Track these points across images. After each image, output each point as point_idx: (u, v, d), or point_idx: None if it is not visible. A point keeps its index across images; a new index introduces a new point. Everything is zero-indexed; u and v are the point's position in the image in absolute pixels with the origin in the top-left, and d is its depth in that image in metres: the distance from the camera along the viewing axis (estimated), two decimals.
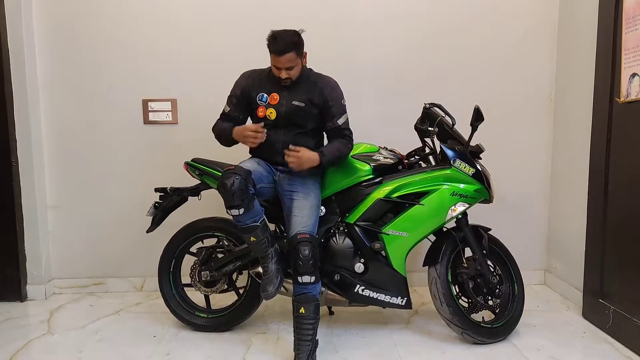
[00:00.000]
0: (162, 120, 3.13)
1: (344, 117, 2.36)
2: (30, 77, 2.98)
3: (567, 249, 3.02)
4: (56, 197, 3.16)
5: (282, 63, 2.19)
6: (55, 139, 3.12)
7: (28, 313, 2.87)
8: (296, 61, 2.23)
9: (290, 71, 2.23)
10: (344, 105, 2.37)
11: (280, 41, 2.16)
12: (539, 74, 3.17)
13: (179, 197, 2.56)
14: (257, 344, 2.42)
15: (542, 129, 3.20)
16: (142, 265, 3.17)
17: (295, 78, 2.27)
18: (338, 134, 2.35)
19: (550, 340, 2.43)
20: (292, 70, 2.23)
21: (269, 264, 2.25)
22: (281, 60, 2.19)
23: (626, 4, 2.34)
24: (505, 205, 3.14)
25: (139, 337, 2.51)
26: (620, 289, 2.43)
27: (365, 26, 3.09)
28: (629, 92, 2.33)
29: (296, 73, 2.26)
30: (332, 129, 2.35)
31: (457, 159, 2.39)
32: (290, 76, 2.24)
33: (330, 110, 2.32)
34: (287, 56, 2.17)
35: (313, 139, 2.39)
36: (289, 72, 2.23)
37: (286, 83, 2.27)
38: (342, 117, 2.35)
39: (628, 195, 2.36)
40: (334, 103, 2.32)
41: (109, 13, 3.04)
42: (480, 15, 3.11)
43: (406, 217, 2.35)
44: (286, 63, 2.19)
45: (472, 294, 2.41)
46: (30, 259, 3.06)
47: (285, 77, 2.23)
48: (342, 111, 2.35)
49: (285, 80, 2.25)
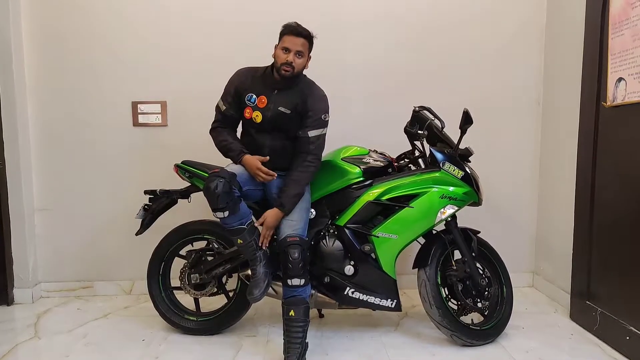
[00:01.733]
0: (152, 123, 3.11)
1: (318, 131, 2.29)
2: (18, 79, 2.96)
3: (555, 252, 3.05)
4: (44, 199, 3.13)
5: (296, 44, 2.21)
6: (43, 141, 3.10)
7: (15, 317, 2.84)
8: (306, 52, 2.25)
9: (298, 59, 2.23)
10: (324, 120, 2.31)
11: (301, 27, 2.24)
12: (527, 78, 3.20)
13: (168, 200, 2.55)
14: (246, 347, 2.42)
15: (530, 133, 3.24)
16: (131, 268, 3.15)
17: (297, 71, 2.24)
18: (303, 146, 2.29)
19: (538, 342, 2.45)
20: (299, 59, 2.23)
21: (258, 267, 2.25)
22: (296, 42, 2.21)
23: (613, 9, 2.38)
24: (494, 207, 3.17)
25: (127, 341, 2.49)
26: (607, 291, 2.45)
27: (353, 29, 3.10)
28: (615, 96, 2.36)
29: (300, 66, 2.25)
30: (301, 137, 2.29)
31: (446, 162, 2.40)
32: (295, 64, 2.22)
33: (306, 120, 2.29)
34: (302, 40, 2.22)
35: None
36: (296, 59, 2.22)
37: (287, 71, 2.22)
38: (316, 130, 2.29)
39: (615, 198, 2.39)
40: (314, 114, 2.28)
41: (98, 15, 3.03)
42: (468, 19, 3.13)
43: (396, 220, 2.36)
44: (299, 46, 2.21)
45: (462, 297, 2.43)
46: (17, 262, 3.03)
47: (291, 61, 2.21)
48: (318, 125, 2.29)
49: (287, 67, 2.21)
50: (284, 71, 2.23)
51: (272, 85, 2.30)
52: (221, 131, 2.39)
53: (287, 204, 2.24)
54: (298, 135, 2.30)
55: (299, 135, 2.30)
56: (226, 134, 2.37)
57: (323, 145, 2.34)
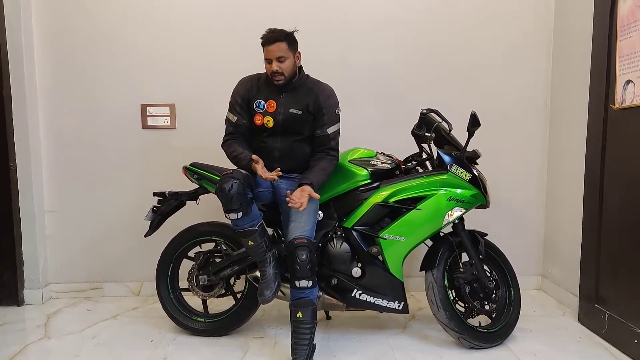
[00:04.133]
0: (161, 125, 3.14)
1: (334, 126, 2.34)
2: (29, 81, 2.99)
3: (563, 254, 3.03)
4: (54, 201, 3.16)
5: (272, 52, 2.19)
6: (54, 143, 3.13)
7: (25, 317, 2.87)
8: (287, 53, 2.22)
9: (281, 63, 2.21)
10: (337, 115, 2.35)
11: (272, 32, 2.22)
12: (535, 81, 3.19)
13: (177, 202, 2.57)
14: (254, 349, 2.43)
15: (538, 135, 3.23)
16: (140, 269, 3.17)
17: (288, 74, 2.25)
18: (324, 144, 2.33)
19: (546, 345, 2.44)
20: (283, 63, 2.21)
21: (267, 268, 2.26)
22: (271, 49, 2.19)
23: (621, 12, 2.37)
24: (501, 210, 3.16)
25: (136, 342, 2.51)
26: (616, 294, 2.44)
27: (360, 32, 3.12)
28: (624, 99, 2.35)
29: (288, 68, 2.24)
30: (320, 136, 2.33)
31: (453, 165, 2.40)
32: (281, 69, 2.21)
33: (322, 118, 2.31)
34: (277, 45, 2.19)
35: (309, 145, 2.40)
36: (280, 65, 2.21)
37: (279, 80, 2.23)
38: (333, 126, 2.33)
39: (623, 201, 2.38)
40: (327, 111, 2.31)
41: (108, 18, 3.06)
42: (476, 22, 3.13)
43: (403, 222, 2.36)
44: (276, 52, 2.19)
45: (469, 299, 2.42)
46: (27, 263, 3.06)
47: (276, 69, 2.20)
48: (334, 120, 2.33)
49: (277, 76, 2.22)
50: (276, 81, 2.25)
51: (279, 89, 2.31)
52: (231, 143, 2.37)
53: (317, 183, 2.21)
54: (316, 135, 2.33)
55: (317, 134, 2.32)
56: (236, 145, 2.34)
57: (339, 140, 2.37)
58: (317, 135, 2.33)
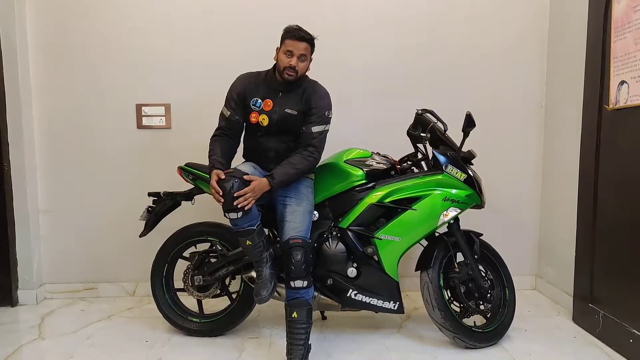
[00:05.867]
0: (156, 125, 3.13)
1: (321, 127, 2.31)
2: (23, 81, 2.98)
3: (558, 255, 3.05)
4: (48, 201, 3.14)
5: (299, 49, 2.22)
6: (48, 142, 3.11)
7: (19, 318, 2.85)
8: (308, 56, 2.28)
9: (301, 63, 2.25)
10: (327, 117, 2.33)
11: (303, 30, 2.25)
12: (530, 81, 3.21)
13: (172, 202, 2.56)
14: (249, 349, 2.42)
15: (533, 136, 3.24)
16: (135, 270, 3.16)
17: (299, 74, 2.27)
18: (306, 140, 2.30)
19: (540, 345, 2.45)
20: (302, 63, 2.25)
21: (263, 268, 2.25)
22: (299, 46, 2.22)
23: (615, 13, 2.39)
24: (496, 210, 3.17)
25: (130, 342, 2.50)
26: (610, 293, 2.45)
27: (356, 31, 3.11)
28: (618, 99, 2.37)
29: (303, 70, 2.28)
30: (304, 133, 2.30)
31: (449, 165, 2.41)
32: (298, 68, 2.24)
33: (310, 117, 2.30)
34: (305, 44, 2.24)
35: None
36: (299, 64, 2.24)
37: (290, 75, 2.24)
38: (319, 126, 2.31)
39: (617, 201, 2.39)
40: (317, 111, 2.30)
41: (103, 17, 3.05)
42: (471, 22, 3.14)
43: (398, 222, 2.36)
44: (302, 50, 2.23)
45: (464, 299, 2.43)
46: (21, 264, 3.04)
47: (295, 65, 2.23)
48: (321, 121, 2.31)
49: (290, 71, 2.23)
50: (287, 75, 2.24)
51: (277, 88, 2.31)
52: (215, 141, 2.34)
53: (278, 176, 2.20)
54: (301, 132, 2.32)
55: (302, 130, 2.31)
56: (217, 145, 2.31)
57: (324, 141, 2.35)
58: (301, 132, 2.31)
